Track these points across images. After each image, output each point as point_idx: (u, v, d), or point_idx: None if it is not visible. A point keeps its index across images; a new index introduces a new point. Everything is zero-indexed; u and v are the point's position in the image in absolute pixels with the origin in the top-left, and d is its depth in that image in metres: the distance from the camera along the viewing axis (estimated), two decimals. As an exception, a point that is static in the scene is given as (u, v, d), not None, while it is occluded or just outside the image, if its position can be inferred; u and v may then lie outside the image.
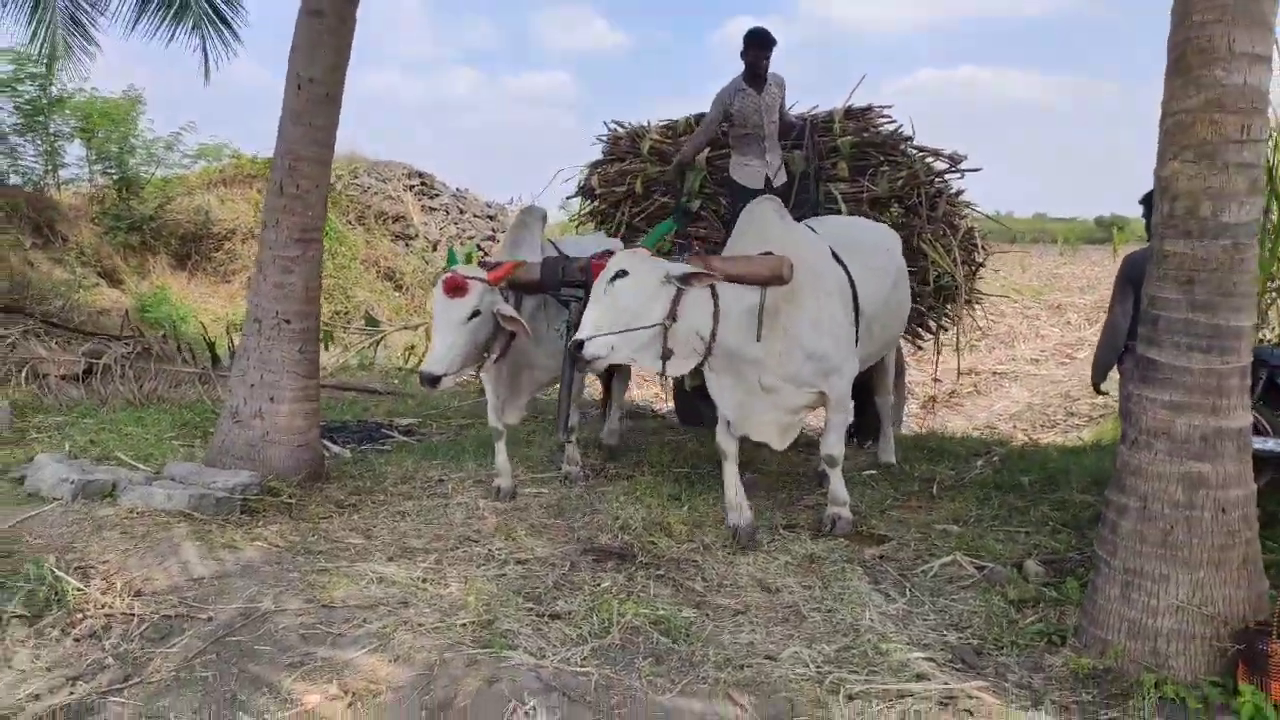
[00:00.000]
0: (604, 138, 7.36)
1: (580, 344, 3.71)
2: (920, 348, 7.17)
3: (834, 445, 4.43)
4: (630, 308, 3.79)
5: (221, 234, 13.33)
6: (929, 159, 6.32)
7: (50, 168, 13.23)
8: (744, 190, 5.86)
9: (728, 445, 4.39)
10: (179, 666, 2.98)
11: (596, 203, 7.20)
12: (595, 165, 7.30)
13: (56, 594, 3.45)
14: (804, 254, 4.18)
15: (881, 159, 6.26)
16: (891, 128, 6.38)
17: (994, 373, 11.97)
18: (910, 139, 6.34)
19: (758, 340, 3.99)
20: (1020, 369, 12.88)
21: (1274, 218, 6.14)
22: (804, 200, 6.10)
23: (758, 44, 5.76)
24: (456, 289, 4.21)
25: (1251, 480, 2.91)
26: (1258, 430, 4.58)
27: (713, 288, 3.91)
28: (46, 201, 12.58)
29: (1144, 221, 3.88)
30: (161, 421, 6.66)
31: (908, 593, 3.72)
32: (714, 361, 4.07)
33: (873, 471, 5.61)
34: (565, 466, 5.27)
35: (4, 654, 3.15)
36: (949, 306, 6.53)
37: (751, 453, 5.30)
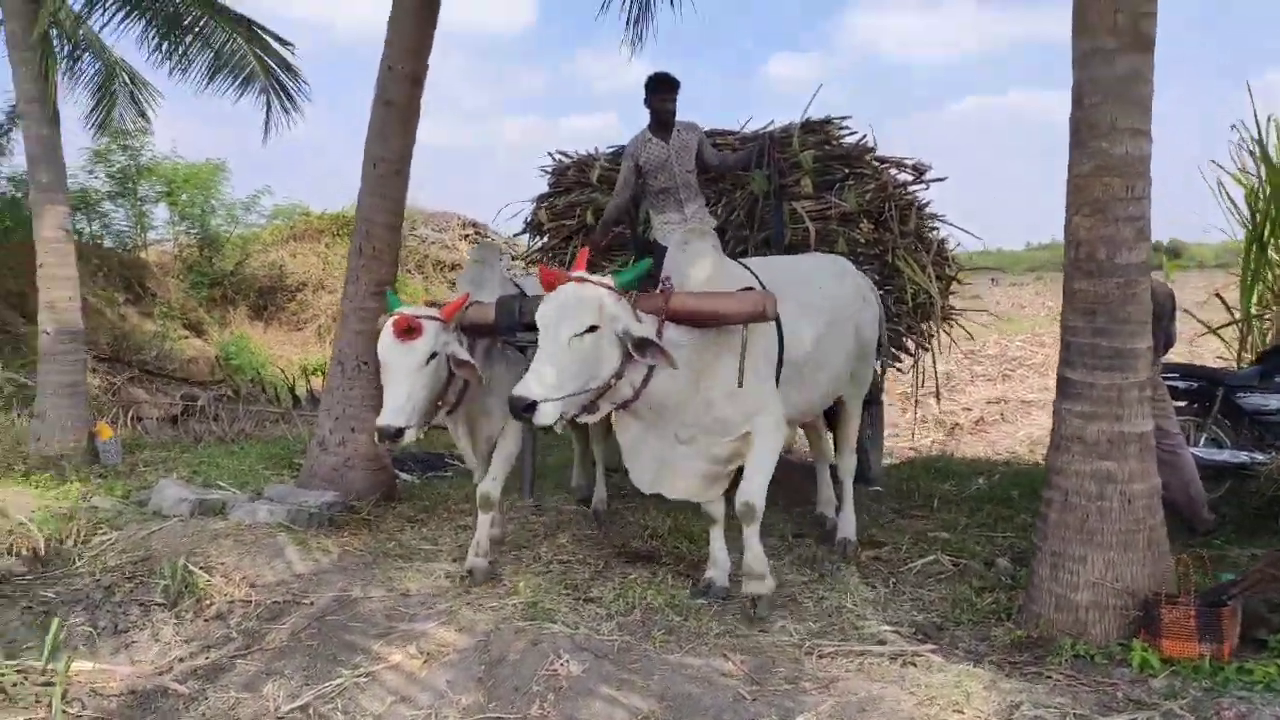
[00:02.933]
0: (549, 169, 7.00)
1: (531, 405, 3.19)
2: (901, 371, 6.84)
3: (754, 493, 3.83)
4: (592, 367, 3.36)
5: (295, 286, 14.46)
6: (894, 170, 6.03)
7: (139, 229, 14.54)
8: (663, 251, 5.27)
9: (714, 509, 4.14)
10: (289, 638, 3.76)
11: (546, 238, 6.87)
12: (542, 199, 6.93)
13: (187, 586, 4.26)
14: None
15: (847, 172, 5.88)
16: (853, 139, 6.00)
17: (1023, 401, 12.37)
18: (873, 150, 5.98)
19: (740, 386, 3.59)
20: (1049, 398, 13.21)
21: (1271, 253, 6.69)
22: (769, 221, 5.78)
23: (661, 88, 5.41)
24: (409, 331, 3.86)
25: (1155, 475, 3.53)
26: (1216, 443, 5.17)
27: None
28: (136, 261, 13.84)
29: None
30: (251, 455, 7.53)
31: (891, 585, 4.36)
32: (634, 409, 3.67)
33: (878, 488, 6.24)
34: (473, 558, 4.39)
35: (153, 631, 3.97)
36: (925, 325, 6.29)
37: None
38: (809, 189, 5.86)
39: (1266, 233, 6.34)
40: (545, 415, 3.22)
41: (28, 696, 3.23)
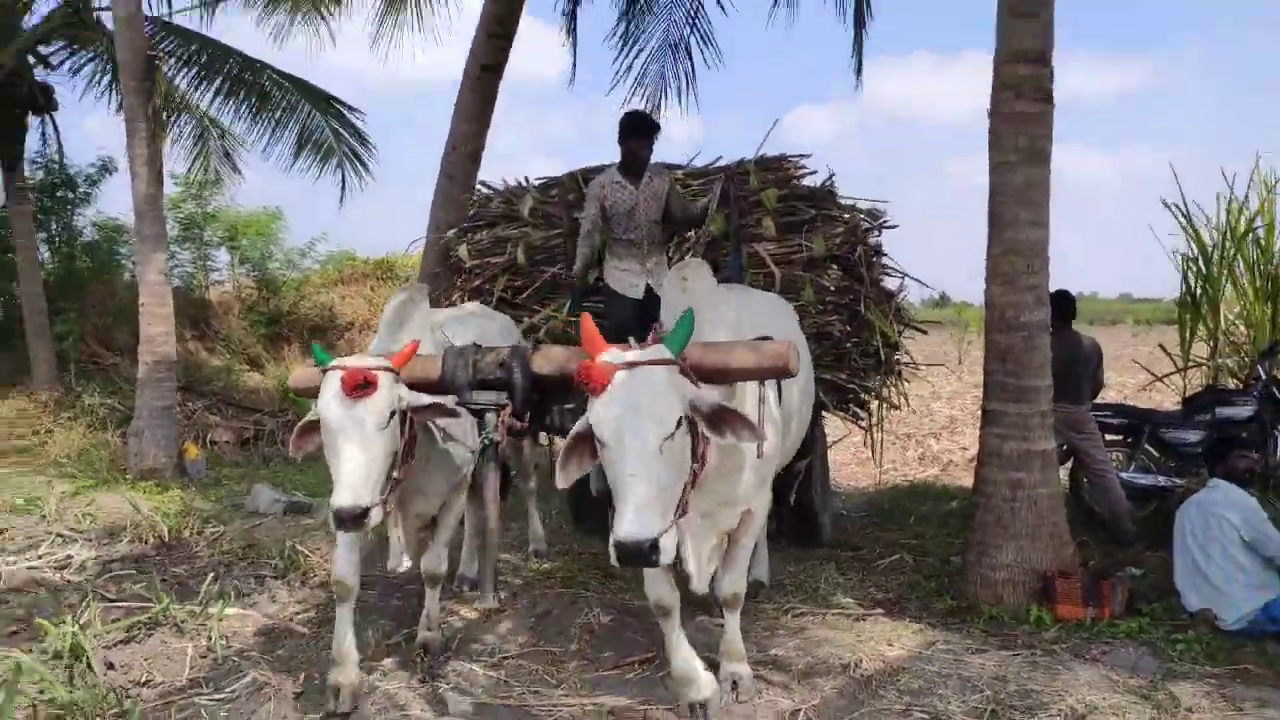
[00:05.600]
0: (472, 199, 6.54)
1: (654, 545, 2.47)
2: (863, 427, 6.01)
3: (739, 582, 3.50)
4: (682, 467, 2.71)
5: (344, 326, 15.65)
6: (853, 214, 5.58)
7: (203, 271, 15.85)
8: (620, 300, 5.20)
9: (668, 596, 3.36)
10: (378, 598, 4.81)
11: (466, 277, 6.13)
12: (462, 233, 6.29)
13: (292, 563, 5.33)
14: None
15: (814, 213, 5.41)
16: (810, 180, 5.59)
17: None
18: (834, 192, 5.60)
19: (759, 457, 3.08)
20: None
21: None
22: (726, 264, 5.28)
23: (639, 131, 5.02)
24: (364, 385, 3.07)
25: (1056, 482, 4.55)
26: (1144, 470, 6.16)
27: None
28: (202, 300, 15.11)
29: None
30: (319, 471, 8.64)
31: (860, 575, 5.35)
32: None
33: (865, 513, 7.24)
34: (425, 633, 4.04)
35: (270, 594, 5.02)
36: (876, 379, 5.71)
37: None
38: (771, 231, 5.37)
39: (1199, 293, 7.36)
40: (668, 552, 2.53)
41: (194, 631, 4.29)
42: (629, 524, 2.48)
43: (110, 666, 3.82)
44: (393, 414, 3.18)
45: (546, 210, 5.93)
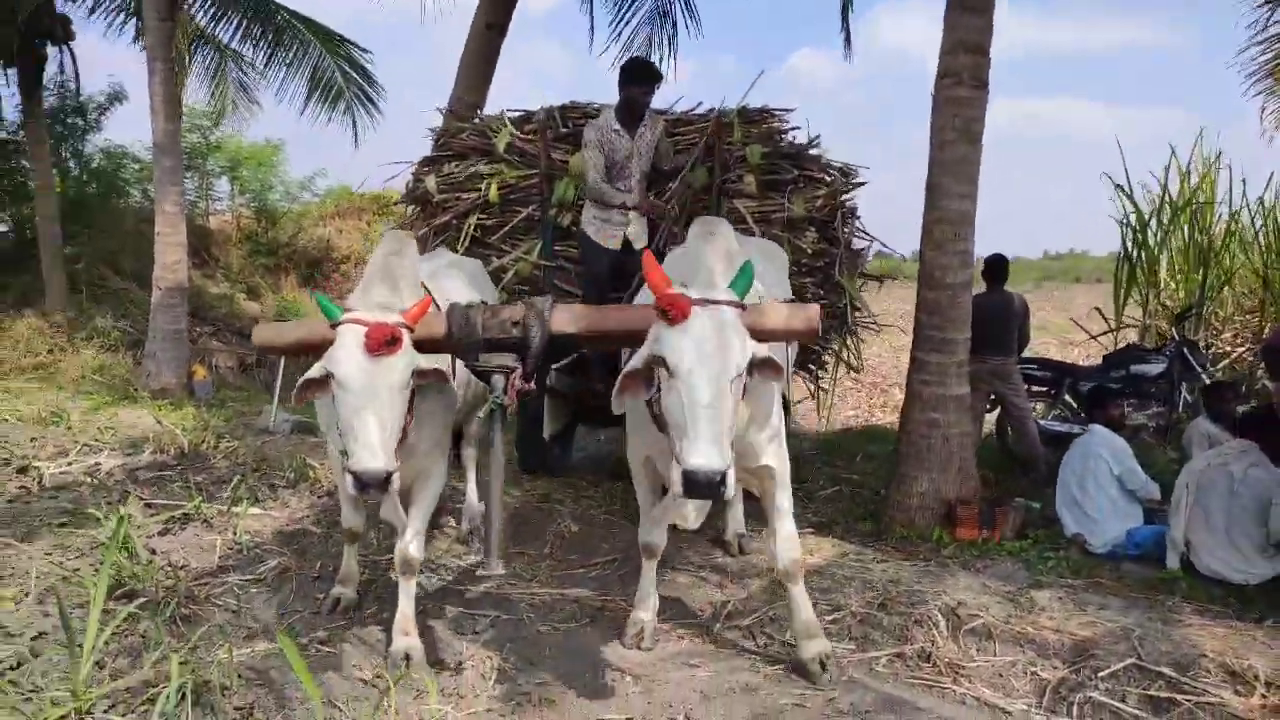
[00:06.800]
0: (437, 130, 6.23)
1: (723, 477, 2.54)
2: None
3: (793, 547, 3.49)
4: (734, 410, 2.76)
5: (339, 259, 16.20)
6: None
7: (205, 200, 16.32)
8: (596, 250, 5.23)
9: (661, 540, 3.73)
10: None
11: (433, 211, 5.92)
12: (429, 163, 6.06)
13: (302, 474, 6.02)
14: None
15: (796, 173, 5.45)
16: (794, 135, 5.62)
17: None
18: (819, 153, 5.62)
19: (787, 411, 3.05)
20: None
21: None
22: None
23: (643, 79, 5.07)
24: (391, 342, 2.97)
25: (969, 423, 5.25)
26: (1062, 418, 6.89)
27: None
28: (204, 229, 15.61)
29: None
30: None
31: (804, 504, 6.06)
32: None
33: (817, 453, 7.97)
34: (402, 639, 3.56)
35: (283, 502, 5.72)
36: (837, 339, 5.90)
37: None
38: (752, 188, 5.42)
39: (1135, 257, 8.04)
40: (732, 488, 2.60)
41: (221, 527, 4.99)
42: (702, 455, 2.54)
43: (152, 553, 4.52)
44: (414, 373, 3.07)
45: (523, 147, 5.74)
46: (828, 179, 5.52)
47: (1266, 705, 3.20)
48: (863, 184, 5.70)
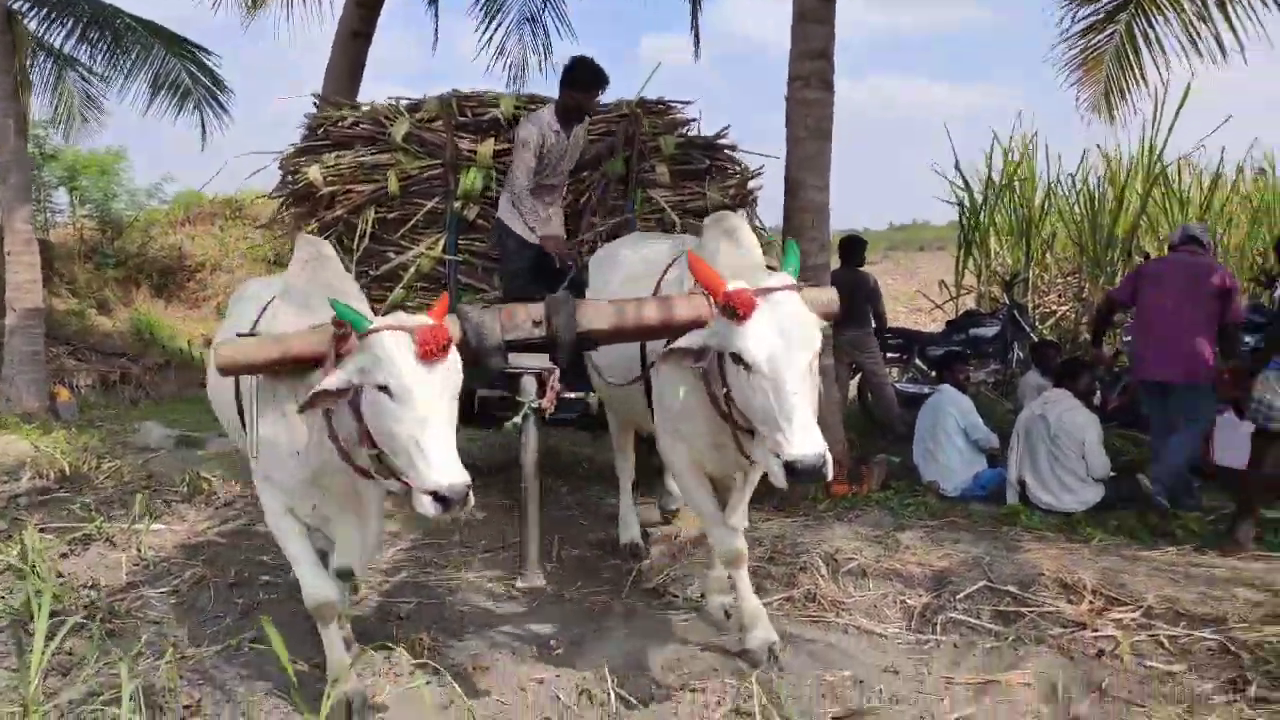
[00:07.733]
0: (312, 117, 5.83)
1: (824, 459, 2.62)
2: None
3: (741, 536, 3.60)
4: None
5: (194, 267, 15.64)
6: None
7: (42, 213, 15.43)
8: (517, 241, 5.10)
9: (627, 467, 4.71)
10: (283, 513, 5.61)
11: (320, 205, 5.54)
12: (303, 154, 5.70)
13: (196, 488, 6.02)
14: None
15: (709, 163, 5.62)
16: (690, 125, 5.78)
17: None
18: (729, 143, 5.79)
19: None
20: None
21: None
22: (618, 208, 5.42)
23: (591, 85, 4.92)
24: (446, 346, 2.71)
25: (835, 390, 5.81)
26: (914, 380, 7.60)
27: None
28: (43, 244, 14.76)
29: None
30: (196, 410, 9.14)
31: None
32: None
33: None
34: (347, 686, 3.15)
35: (179, 516, 5.73)
36: None
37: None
38: (665, 178, 5.51)
39: (969, 231, 8.90)
40: (830, 465, 2.66)
41: (124, 544, 5.00)
42: (803, 443, 2.58)
43: (59, 575, 4.52)
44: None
45: (428, 139, 5.38)
46: (737, 168, 5.84)
47: (1093, 609, 3.83)
48: (761, 171, 5.96)
